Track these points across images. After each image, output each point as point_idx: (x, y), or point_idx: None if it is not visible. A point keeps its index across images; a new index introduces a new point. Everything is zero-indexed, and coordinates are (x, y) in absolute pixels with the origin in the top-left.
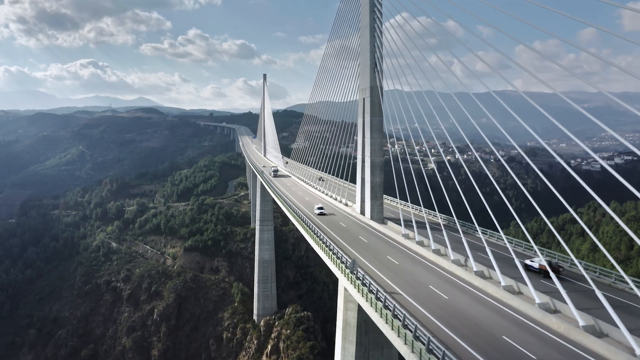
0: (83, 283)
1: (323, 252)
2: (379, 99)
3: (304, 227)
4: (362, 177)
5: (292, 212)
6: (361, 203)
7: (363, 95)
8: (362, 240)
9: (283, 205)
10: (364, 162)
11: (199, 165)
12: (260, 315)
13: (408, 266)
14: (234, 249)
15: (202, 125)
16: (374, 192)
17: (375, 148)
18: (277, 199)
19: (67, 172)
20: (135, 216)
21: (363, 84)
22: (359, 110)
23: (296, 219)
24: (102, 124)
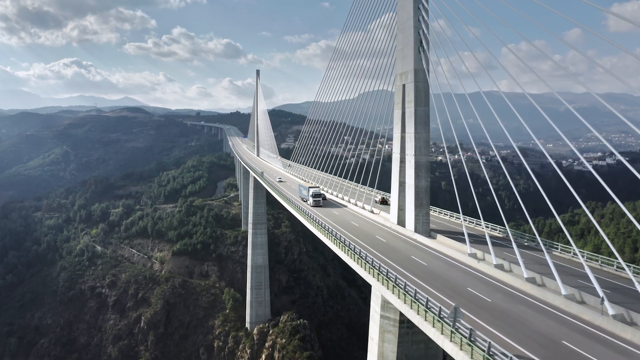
0: (66, 289)
1: (373, 277)
2: (426, 85)
3: (340, 246)
4: (400, 180)
5: (321, 228)
6: (399, 212)
7: (402, 81)
8: (419, 263)
9: (305, 219)
10: (402, 162)
11: (187, 165)
12: (253, 323)
13: (505, 305)
14: (224, 253)
15: (189, 125)
16: (419, 198)
17: (421, 145)
18: (298, 213)
19: (50, 173)
20: (121, 218)
21: (403, 67)
22: (396, 100)
23: (330, 238)
24: (87, 123)
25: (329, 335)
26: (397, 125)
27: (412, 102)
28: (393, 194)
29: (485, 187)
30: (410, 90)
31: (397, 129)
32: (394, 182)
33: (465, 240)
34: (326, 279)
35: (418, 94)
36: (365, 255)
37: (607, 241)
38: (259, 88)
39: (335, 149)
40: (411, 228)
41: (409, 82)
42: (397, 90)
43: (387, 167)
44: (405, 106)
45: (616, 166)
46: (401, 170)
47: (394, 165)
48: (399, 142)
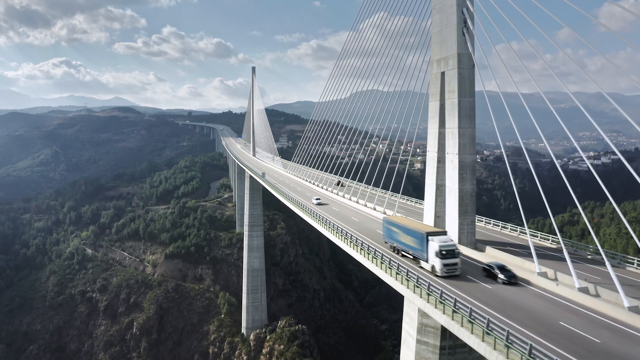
0: (56, 293)
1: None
2: (471, 72)
3: (379, 264)
4: (437, 183)
5: (353, 243)
6: (435, 219)
7: (441, 68)
8: (483, 287)
9: (330, 231)
10: (440, 161)
11: (179, 165)
12: (249, 328)
13: (625, 349)
14: (218, 256)
15: (181, 125)
16: (464, 204)
17: (466, 142)
18: (324, 227)
19: (40, 174)
20: (111, 220)
21: (441, 52)
22: (431, 90)
23: (364, 254)
24: (77, 123)
25: (326, 339)
26: (434, 119)
27: (454, 92)
28: (428, 200)
29: (481, 187)
30: (452, 79)
31: (434, 123)
32: (429, 185)
33: (519, 253)
34: (323, 281)
35: (462, 83)
36: (407, 272)
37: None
38: (255, 86)
39: (341, 149)
40: (454, 239)
41: (451, 69)
42: (432, 80)
43: (382, 167)
44: (446, 97)
45: (611, 165)
46: (439, 171)
47: (429, 166)
48: (435, 138)
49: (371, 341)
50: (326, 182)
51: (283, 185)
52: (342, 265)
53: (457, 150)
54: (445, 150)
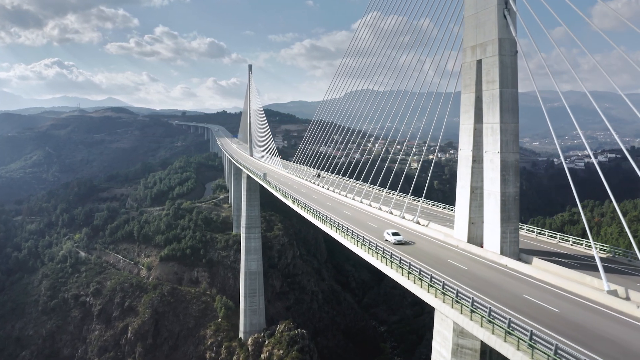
0: (49, 298)
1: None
2: (514, 59)
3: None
4: (472, 185)
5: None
6: (470, 226)
7: (477, 55)
8: (541, 306)
9: (347, 240)
10: (476, 161)
11: (173, 166)
12: (247, 333)
13: None
14: (215, 258)
15: (175, 125)
16: (506, 210)
17: (509, 139)
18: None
19: (32, 175)
20: (105, 222)
21: (478, 37)
22: (465, 81)
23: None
24: (70, 124)
25: (325, 342)
26: (468, 113)
27: (495, 82)
28: (461, 204)
29: None
30: (491, 67)
31: (468, 118)
32: (462, 188)
33: (570, 264)
34: (321, 283)
35: (504, 72)
36: (442, 285)
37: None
38: (252, 84)
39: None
40: (494, 249)
41: (490, 56)
42: (466, 69)
43: (378, 166)
44: (484, 88)
45: (608, 163)
46: (473, 172)
47: (462, 166)
48: (470, 135)
49: (370, 343)
50: (332, 184)
51: (285, 186)
52: (340, 266)
53: (499, 148)
54: (482, 148)
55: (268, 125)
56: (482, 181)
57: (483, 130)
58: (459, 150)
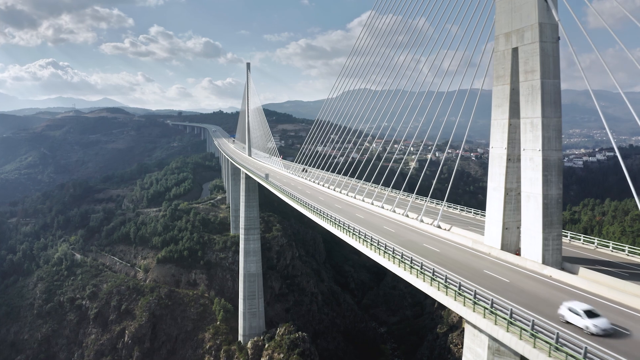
0: (44, 301)
1: None
2: (556, 47)
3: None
4: (506, 186)
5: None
6: (503, 231)
7: (512, 43)
8: None
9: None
10: (511, 160)
11: (170, 166)
12: (246, 336)
13: None
14: (213, 260)
15: (171, 125)
16: (548, 214)
17: (551, 135)
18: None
19: (27, 176)
20: (101, 224)
21: (514, 23)
22: (497, 71)
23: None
24: (65, 124)
25: (325, 344)
26: (501, 107)
27: (535, 71)
28: (493, 207)
29: (476, 185)
30: (531, 55)
31: (501, 113)
32: (494, 190)
33: (620, 274)
34: (320, 284)
35: (545, 60)
36: (474, 294)
37: None
38: (251, 82)
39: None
40: (535, 258)
41: (528, 44)
42: (498, 58)
43: (387, 167)
44: (521, 79)
45: (607, 162)
46: (508, 172)
47: (494, 166)
48: (504, 131)
49: (370, 345)
50: (339, 185)
51: (289, 187)
52: (338, 266)
53: (541, 145)
54: (517, 145)
55: (268, 124)
56: (517, 182)
57: (520, 126)
58: (490, 148)
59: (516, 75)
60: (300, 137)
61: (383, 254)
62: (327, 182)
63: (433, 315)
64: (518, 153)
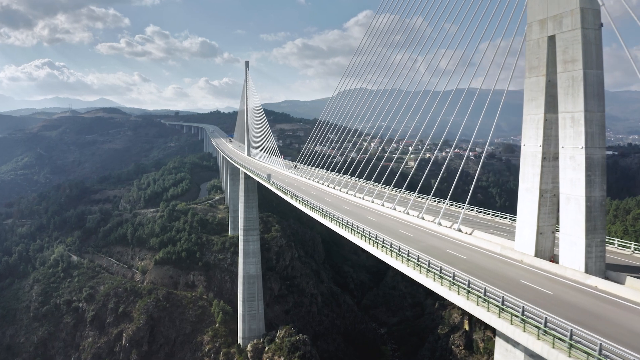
0: (40, 303)
1: None
2: (598, 33)
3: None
4: (541, 187)
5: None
6: (537, 237)
7: (547, 31)
8: None
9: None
10: (545, 158)
11: (167, 167)
12: (246, 338)
13: None
14: (211, 261)
15: (168, 125)
16: (591, 219)
17: (594, 131)
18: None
19: (23, 177)
20: (98, 225)
21: (549, 8)
22: (530, 62)
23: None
24: (62, 124)
25: (325, 346)
26: (535, 101)
27: (576, 61)
28: (525, 210)
29: (475, 185)
30: (571, 44)
31: (535, 107)
32: (527, 191)
33: None
34: (320, 285)
35: (588, 49)
36: (502, 300)
37: None
38: (250, 81)
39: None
40: (576, 266)
41: (568, 31)
42: (531, 48)
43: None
44: (559, 69)
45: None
46: (543, 172)
47: (527, 165)
48: (539, 127)
49: (371, 346)
50: (345, 185)
51: (292, 188)
52: (338, 267)
53: (583, 142)
54: (552, 142)
55: (268, 123)
56: (553, 182)
57: (559, 121)
58: (522, 145)
59: (553, 66)
60: (298, 137)
61: (406, 261)
62: (332, 183)
63: (434, 315)
64: (555, 151)
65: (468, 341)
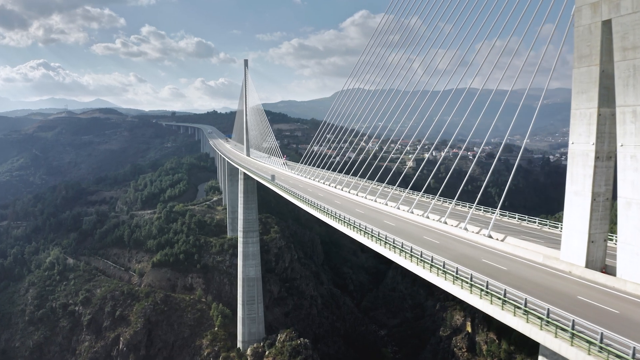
0: (36, 307)
1: None
2: None
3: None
4: (594, 190)
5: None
6: (589, 245)
7: (601, 15)
8: None
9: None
10: (599, 158)
11: (164, 167)
12: (246, 342)
13: None
14: (209, 263)
15: (164, 126)
16: None
17: None
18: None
19: (19, 178)
20: (94, 227)
21: None
22: (580, 50)
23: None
24: (58, 125)
25: (326, 349)
26: (586, 94)
27: (637, 48)
28: (574, 215)
29: (474, 184)
30: (631, 28)
31: (586, 100)
32: (577, 194)
33: None
34: (320, 287)
35: None
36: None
37: None
38: (249, 80)
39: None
40: (636, 279)
41: (627, 14)
42: (582, 34)
43: (384, 166)
44: (616, 58)
45: None
46: (596, 173)
47: (576, 165)
48: (591, 123)
49: (371, 349)
50: (354, 187)
51: (297, 189)
52: (337, 268)
53: None
54: (610, 140)
55: (268, 122)
56: (607, 185)
57: (617, 116)
58: (570, 144)
59: (608, 54)
60: (295, 137)
61: (441, 274)
62: (339, 184)
63: (434, 317)
64: (610, 149)
65: (471, 343)
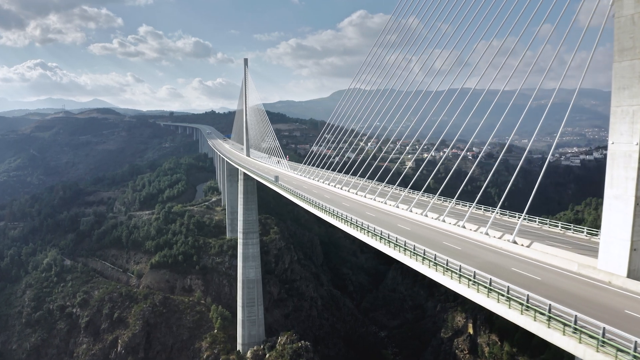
0: (33, 309)
1: None
2: None
3: None
4: (636, 194)
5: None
6: (631, 253)
7: None
8: None
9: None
10: None
11: (163, 168)
12: (245, 345)
13: None
14: (209, 264)
15: (162, 126)
16: None
17: None
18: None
19: (16, 178)
20: (92, 228)
21: None
22: (621, 43)
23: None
24: (55, 125)
25: (326, 351)
26: (629, 89)
27: None
28: (614, 221)
29: (473, 184)
30: None
31: (628, 96)
32: (618, 198)
33: None
34: (320, 288)
35: None
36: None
37: None
38: (249, 79)
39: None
40: None
41: None
42: (624, 25)
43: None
44: None
45: (603, 160)
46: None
47: (617, 167)
48: (634, 121)
49: (371, 350)
50: (362, 188)
51: (301, 191)
52: (336, 269)
53: None
54: None
55: (269, 121)
56: None
57: None
58: (609, 144)
59: None
60: (294, 137)
61: (485, 291)
62: (345, 185)
63: (435, 318)
64: None
65: (473, 345)
